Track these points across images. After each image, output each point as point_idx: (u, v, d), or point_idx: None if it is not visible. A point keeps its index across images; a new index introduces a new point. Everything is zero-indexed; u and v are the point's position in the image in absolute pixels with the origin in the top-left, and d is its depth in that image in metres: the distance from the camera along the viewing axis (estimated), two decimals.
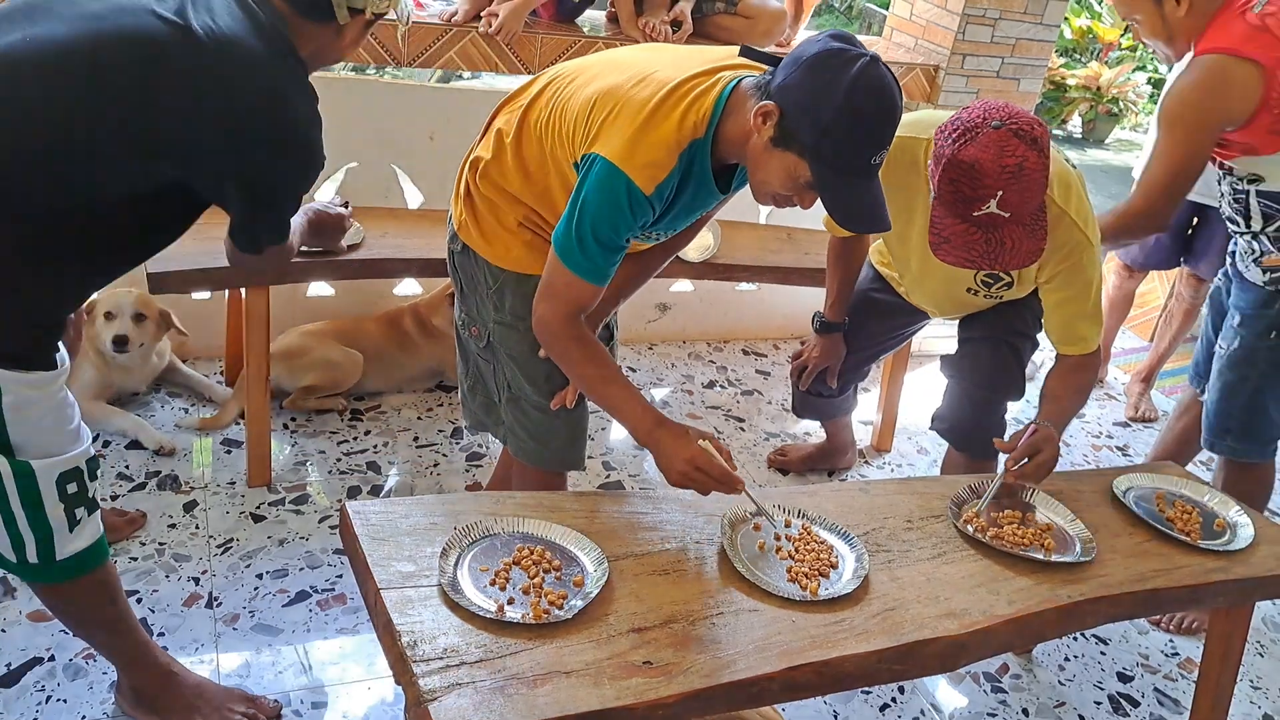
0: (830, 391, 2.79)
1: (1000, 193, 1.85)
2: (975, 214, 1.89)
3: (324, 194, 3.17)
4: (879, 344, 2.78)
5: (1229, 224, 2.45)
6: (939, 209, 1.95)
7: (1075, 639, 2.61)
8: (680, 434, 1.74)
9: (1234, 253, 2.50)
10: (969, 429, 2.57)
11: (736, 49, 1.75)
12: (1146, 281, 4.10)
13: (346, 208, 2.44)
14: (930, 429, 2.70)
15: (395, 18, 1.85)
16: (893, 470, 3.27)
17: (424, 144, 3.18)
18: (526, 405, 2.03)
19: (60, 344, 1.63)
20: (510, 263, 1.92)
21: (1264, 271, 2.35)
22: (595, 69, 1.79)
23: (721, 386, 3.60)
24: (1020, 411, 3.69)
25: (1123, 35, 9.46)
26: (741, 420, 3.41)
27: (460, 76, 5.11)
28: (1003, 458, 2.04)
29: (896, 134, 1.67)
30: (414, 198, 3.27)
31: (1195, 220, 3.53)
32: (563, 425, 2.05)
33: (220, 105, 1.51)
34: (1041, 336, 2.58)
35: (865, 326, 2.69)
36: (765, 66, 1.68)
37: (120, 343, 2.70)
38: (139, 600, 2.23)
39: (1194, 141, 2.22)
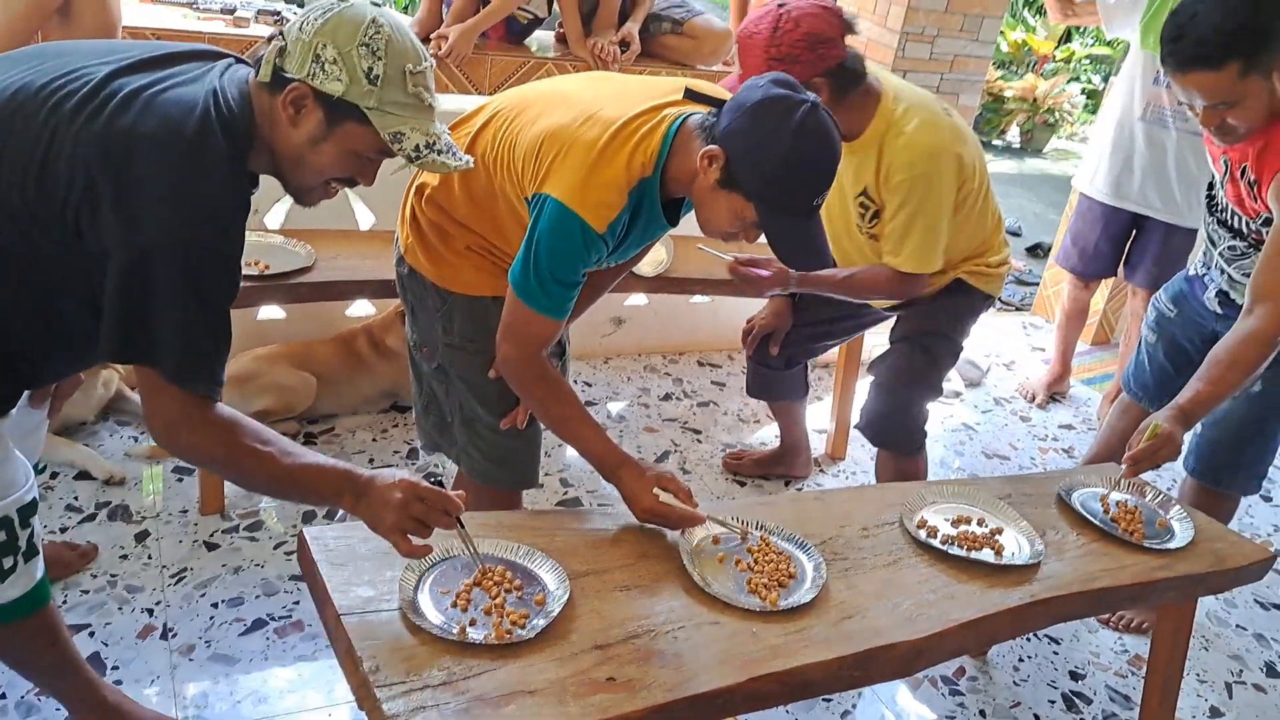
0: (776, 364, 2.86)
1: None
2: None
3: (274, 217, 3.15)
4: (827, 325, 2.85)
5: (1230, 265, 2.35)
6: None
7: (1028, 639, 2.67)
8: (639, 476, 1.77)
9: (1223, 292, 2.42)
10: (886, 424, 2.65)
11: (680, 82, 1.80)
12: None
13: None
14: (854, 427, 2.77)
15: (387, 130, 1.44)
16: (847, 478, 3.32)
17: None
18: (480, 426, 2.04)
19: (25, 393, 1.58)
20: (458, 285, 1.93)
21: None
22: (540, 104, 1.81)
23: (678, 398, 3.63)
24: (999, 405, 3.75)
25: (1056, 48, 9.69)
26: (699, 432, 3.43)
27: None
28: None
29: None
30: (365, 219, 3.26)
31: (1134, 232, 3.61)
32: (517, 445, 2.05)
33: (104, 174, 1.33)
34: (967, 342, 2.66)
35: (815, 299, 2.75)
36: (708, 106, 1.72)
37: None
38: (91, 634, 2.20)
39: None
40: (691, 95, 1.75)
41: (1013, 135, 8.70)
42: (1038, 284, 5.11)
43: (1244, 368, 2.05)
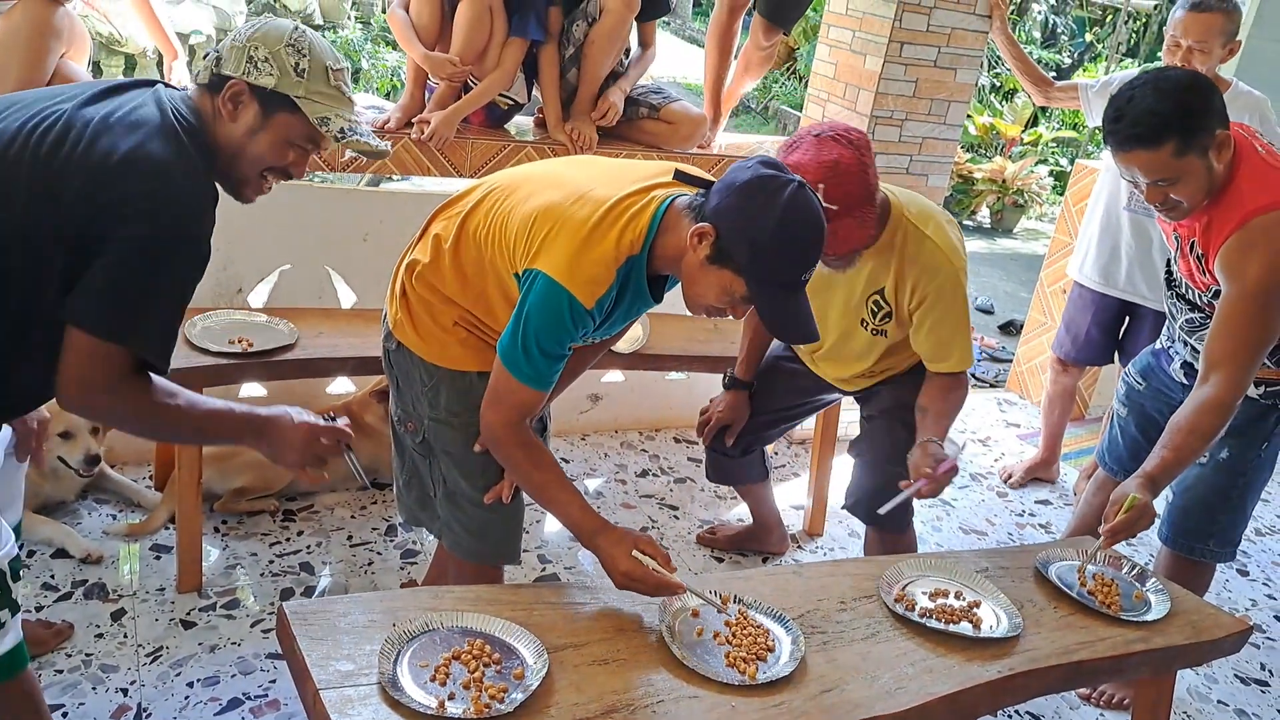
0: (733, 452, 2.87)
1: (821, 185, 2.04)
2: None
3: (258, 296, 3.19)
4: (784, 411, 2.87)
5: (1193, 339, 2.41)
6: None
7: (1010, 716, 2.66)
8: (617, 541, 1.79)
9: (1189, 364, 2.47)
10: (875, 504, 2.65)
11: (667, 165, 1.88)
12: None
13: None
14: (841, 507, 2.78)
15: (315, 115, 1.64)
16: (825, 554, 3.32)
17: (358, 245, 3.23)
18: (462, 500, 2.05)
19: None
20: (446, 360, 1.96)
21: (1258, 384, 2.35)
22: (533, 184, 1.87)
23: (655, 475, 3.64)
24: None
25: (1024, 131, 9.97)
26: (675, 508, 3.44)
27: (391, 179, 5.18)
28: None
29: None
30: (347, 298, 3.30)
31: (1127, 319, 3.65)
32: (499, 520, 2.07)
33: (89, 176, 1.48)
34: None
35: (773, 390, 2.79)
36: (695, 187, 1.80)
37: (93, 461, 2.68)
38: (65, 715, 2.16)
39: None
40: (681, 177, 1.83)
41: (983, 215, 8.90)
42: (1011, 360, 5.19)
43: (1203, 434, 2.12)
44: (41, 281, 1.49)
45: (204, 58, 1.68)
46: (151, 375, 1.58)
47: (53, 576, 2.59)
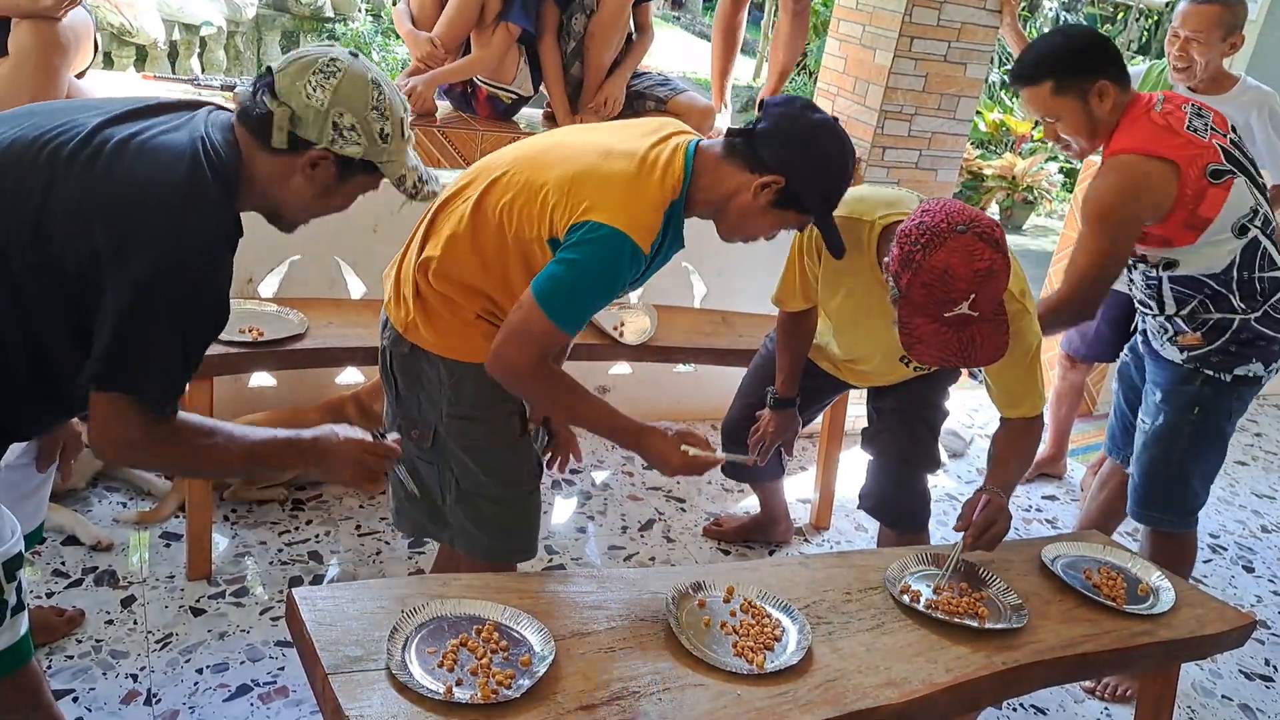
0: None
1: (973, 295, 1.89)
2: (947, 315, 1.92)
3: (268, 286, 3.21)
4: (803, 414, 2.85)
5: (1140, 306, 2.58)
6: (907, 309, 1.96)
7: (1015, 709, 2.66)
8: (663, 438, 1.91)
9: (1144, 331, 2.63)
10: (894, 504, 2.65)
11: (658, 119, 2.03)
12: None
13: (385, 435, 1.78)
14: (858, 508, 2.77)
15: (394, 176, 1.60)
16: (832, 547, 3.33)
17: (367, 236, 3.24)
18: (481, 501, 2.03)
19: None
20: (470, 355, 1.92)
21: (1180, 350, 2.48)
22: (549, 155, 1.90)
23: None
24: (964, 475, 3.79)
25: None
26: (682, 501, 3.45)
27: None
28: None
29: (843, 215, 2.01)
30: (357, 288, 3.31)
31: (1136, 316, 3.65)
32: (519, 514, 2.07)
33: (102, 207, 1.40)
34: (952, 405, 2.69)
35: (807, 402, 2.76)
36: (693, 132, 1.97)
37: None
38: (75, 699, 2.18)
39: (1118, 238, 2.35)
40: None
41: (993, 212, 8.88)
42: None
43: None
44: (45, 299, 1.42)
45: (256, 98, 1.51)
46: (181, 417, 1.51)
47: (63, 563, 2.61)
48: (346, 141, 1.53)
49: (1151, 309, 2.51)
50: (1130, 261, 2.48)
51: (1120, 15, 13.30)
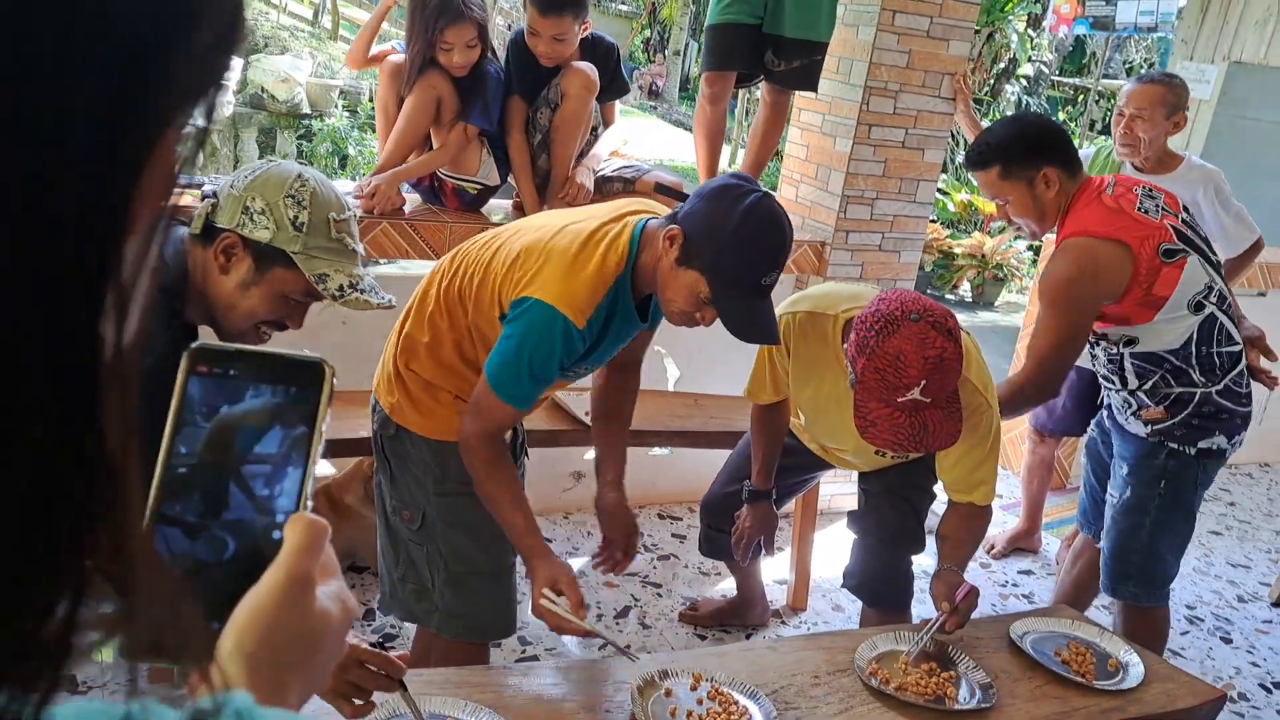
0: (728, 529, 2.83)
1: (924, 381, 1.94)
2: (899, 400, 1.97)
3: None
4: (785, 489, 2.86)
5: (1104, 382, 2.62)
6: (862, 394, 2.01)
7: None
8: (545, 571, 1.86)
9: (1110, 406, 2.66)
10: (879, 585, 2.65)
11: (630, 201, 2.04)
12: None
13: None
14: (842, 587, 2.77)
15: (312, 272, 1.59)
16: (809, 628, 3.31)
17: (337, 329, 3.27)
18: (469, 577, 2.06)
19: None
20: (450, 434, 1.98)
21: (1145, 424, 2.51)
22: (503, 236, 1.96)
23: (638, 552, 3.62)
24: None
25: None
26: (659, 585, 3.43)
27: (375, 263, 5.26)
28: (919, 610, 2.11)
29: (807, 310, 2.01)
30: None
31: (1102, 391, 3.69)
32: (506, 585, 2.12)
33: None
34: (938, 488, 2.70)
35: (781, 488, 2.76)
36: (664, 209, 1.94)
37: None
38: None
39: (1075, 319, 2.41)
40: (660, 189, 1.94)
41: (964, 290, 9.02)
42: None
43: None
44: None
45: (203, 200, 1.59)
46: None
47: None
48: (255, 225, 1.54)
49: (1115, 384, 2.55)
50: (1092, 339, 2.53)
51: (1080, 97, 13.72)
